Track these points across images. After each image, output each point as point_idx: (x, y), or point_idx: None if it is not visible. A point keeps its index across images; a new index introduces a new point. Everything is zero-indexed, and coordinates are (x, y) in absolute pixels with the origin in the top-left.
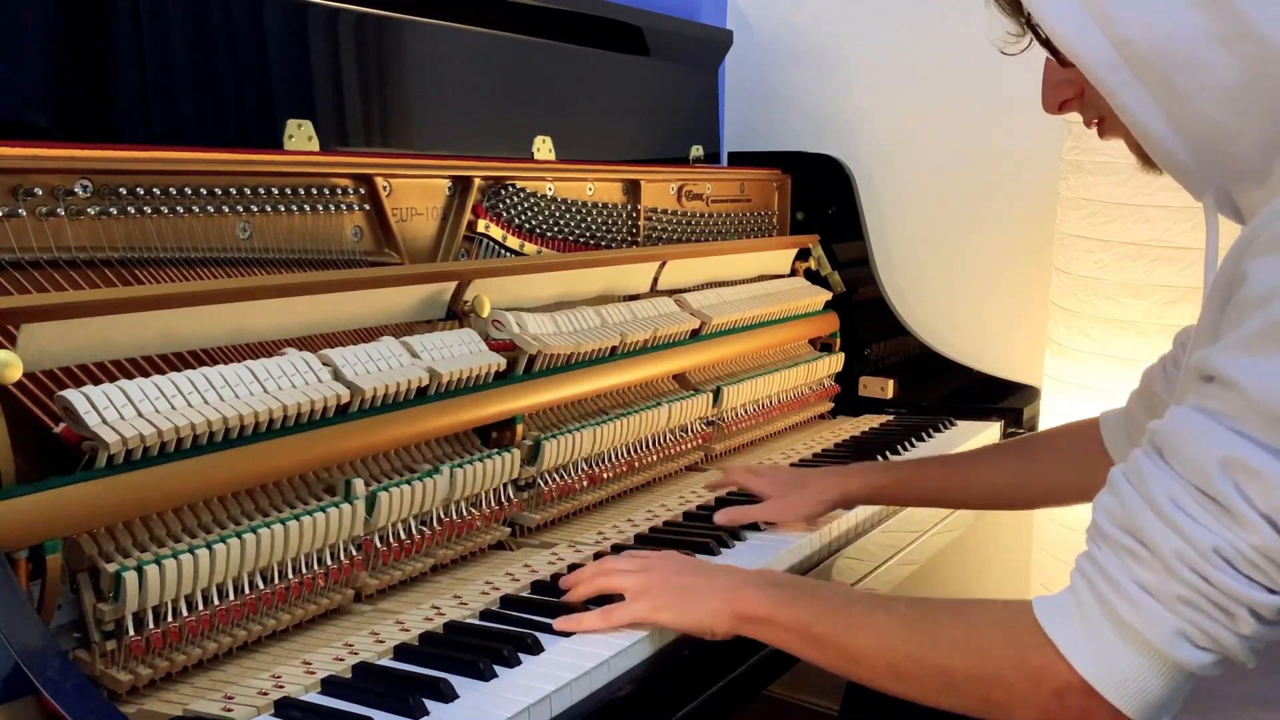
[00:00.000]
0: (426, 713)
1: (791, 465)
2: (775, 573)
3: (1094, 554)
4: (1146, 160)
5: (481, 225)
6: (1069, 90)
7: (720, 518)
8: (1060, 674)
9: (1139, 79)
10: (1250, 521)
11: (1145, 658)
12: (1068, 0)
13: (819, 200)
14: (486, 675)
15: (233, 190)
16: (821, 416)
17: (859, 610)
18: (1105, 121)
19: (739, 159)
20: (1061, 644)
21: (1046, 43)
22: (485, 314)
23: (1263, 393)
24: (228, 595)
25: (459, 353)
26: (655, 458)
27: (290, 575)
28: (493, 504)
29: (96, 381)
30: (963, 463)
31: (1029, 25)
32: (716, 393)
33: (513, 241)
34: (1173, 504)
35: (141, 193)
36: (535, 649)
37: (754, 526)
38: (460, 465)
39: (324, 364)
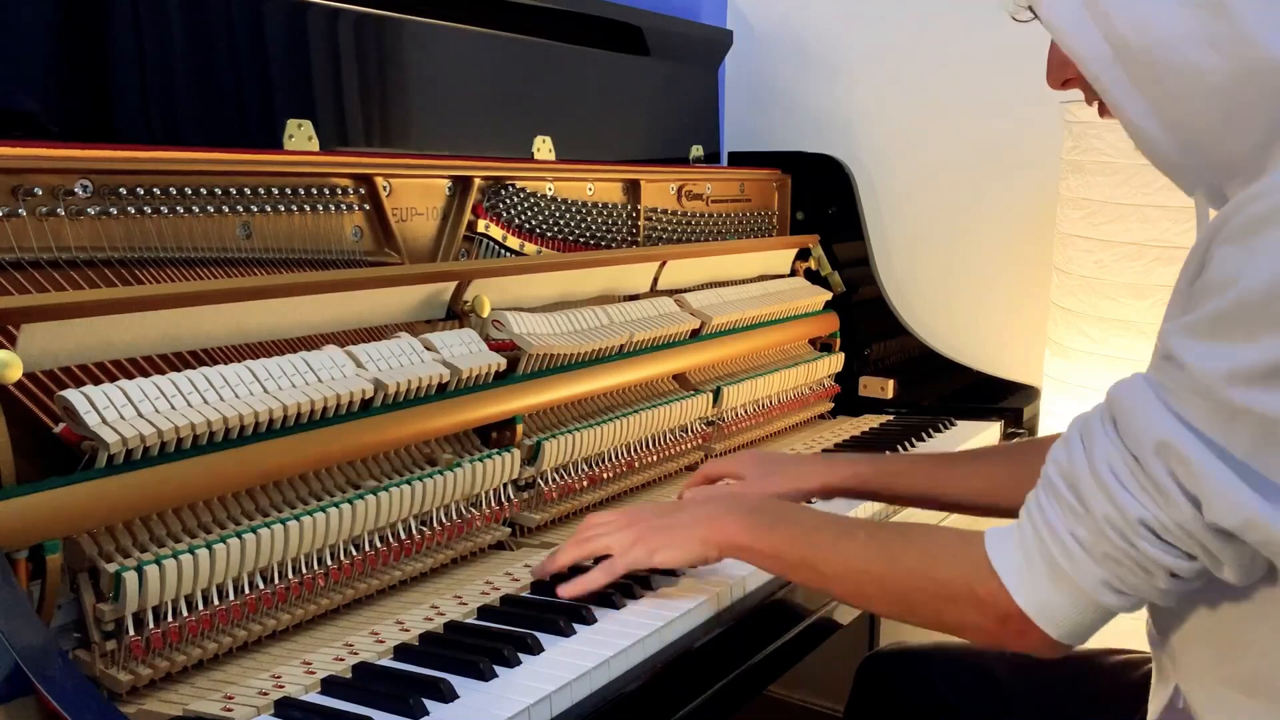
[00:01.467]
0: (426, 713)
1: (776, 451)
2: (751, 498)
3: (1041, 499)
4: None
5: (481, 225)
6: (1072, 69)
7: (687, 495)
8: (1003, 603)
9: (1131, 77)
10: (1176, 502)
11: (1072, 597)
12: None
13: (819, 200)
14: (486, 675)
15: (233, 190)
16: (821, 416)
17: (826, 538)
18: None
19: (739, 159)
20: (1003, 574)
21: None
22: (485, 314)
23: (1204, 377)
24: (228, 595)
25: (459, 352)
26: (655, 458)
27: (290, 575)
28: (493, 504)
29: (96, 381)
30: (954, 462)
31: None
32: (716, 393)
33: (513, 241)
34: (1110, 472)
35: (141, 193)
36: (535, 649)
37: None
38: (459, 465)
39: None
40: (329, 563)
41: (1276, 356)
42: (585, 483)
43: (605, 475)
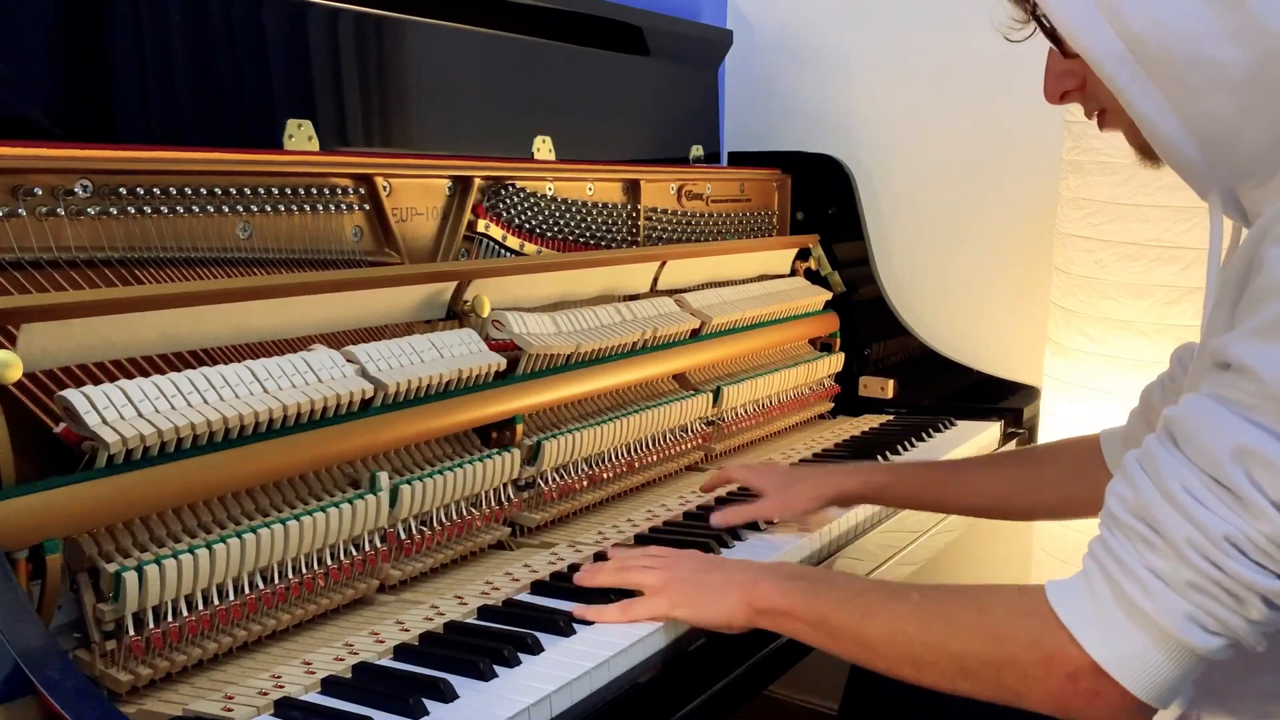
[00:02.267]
0: (426, 713)
1: (791, 465)
2: (791, 565)
3: (1107, 539)
4: (1145, 154)
5: (481, 225)
6: (1071, 81)
7: (716, 519)
8: (1072, 657)
9: (1146, 74)
10: (1262, 510)
11: (1155, 641)
12: None
13: (819, 200)
14: (486, 675)
15: (233, 190)
16: (821, 416)
17: (874, 600)
18: (1107, 113)
19: (739, 159)
20: (1073, 626)
21: (1050, 32)
22: (485, 314)
23: (1278, 381)
24: (228, 595)
25: (459, 353)
26: (655, 458)
27: (290, 575)
28: (493, 504)
29: (96, 381)
30: (964, 468)
31: (1034, 14)
32: (716, 393)
33: (513, 241)
34: (1185, 491)
35: (141, 193)
36: (535, 649)
37: (753, 526)
38: (460, 465)
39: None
40: (329, 563)
41: None
42: (585, 483)
43: (605, 475)
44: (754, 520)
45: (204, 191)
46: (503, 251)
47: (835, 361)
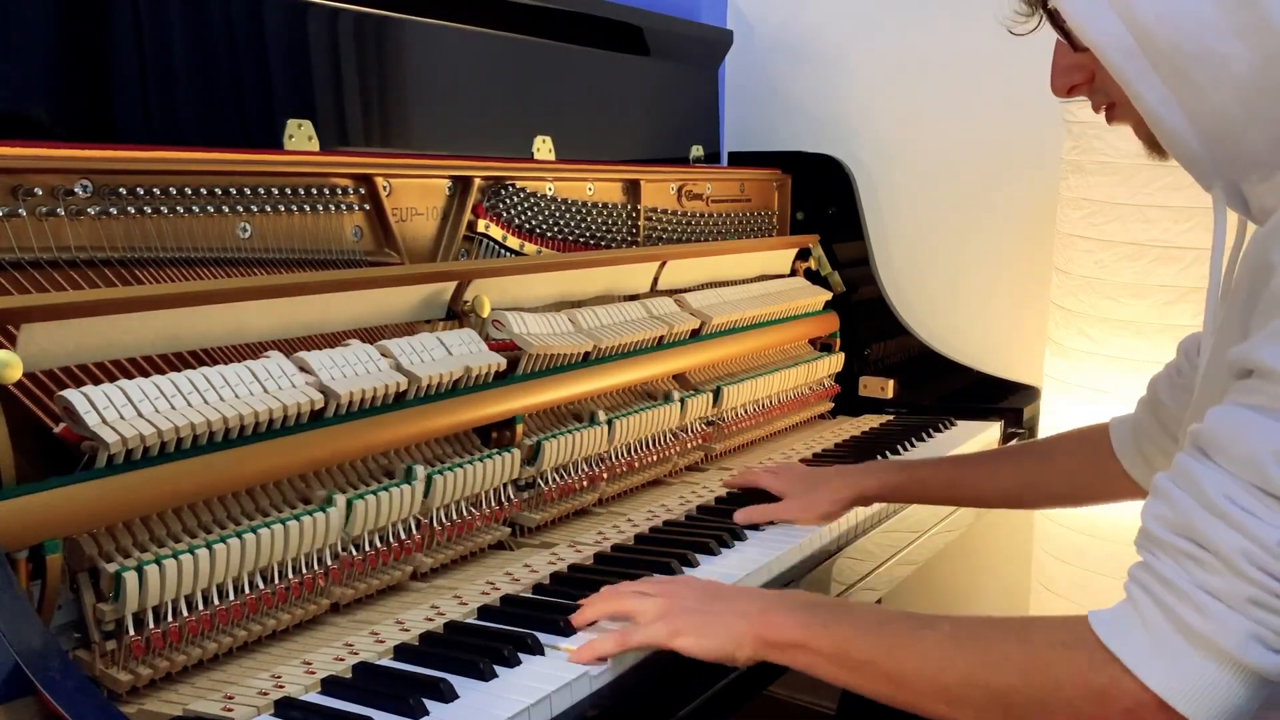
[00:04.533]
0: (426, 713)
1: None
2: (801, 594)
3: (1150, 563)
4: (1153, 147)
5: (481, 225)
6: (1079, 75)
7: (740, 516)
8: (1130, 691)
9: (1154, 68)
10: None
11: (1219, 665)
12: None
13: (819, 200)
14: (486, 675)
15: (233, 190)
16: (821, 416)
17: (901, 630)
18: (1115, 107)
19: (739, 159)
20: (1127, 659)
21: (1060, 25)
22: (485, 314)
23: None
24: (228, 595)
25: (459, 352)
26: (655, 458)
27: (290, 575)
28: (493, 504)
29: (96, 381)
30: (977, 463)
31: (1043, 6)
32: (716, 393)
33: (513, 241)
34: (1230, 502)
35: (141, 193)
36: (535, 649)
37: (754, 528)
38: (460, 465)
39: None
40: (329, 563)
41: None
42: (585, 483)
43: (605, 475)
44: (774, 521)
45: (204, 191)
46: (503, 251)
47: (835, 361)
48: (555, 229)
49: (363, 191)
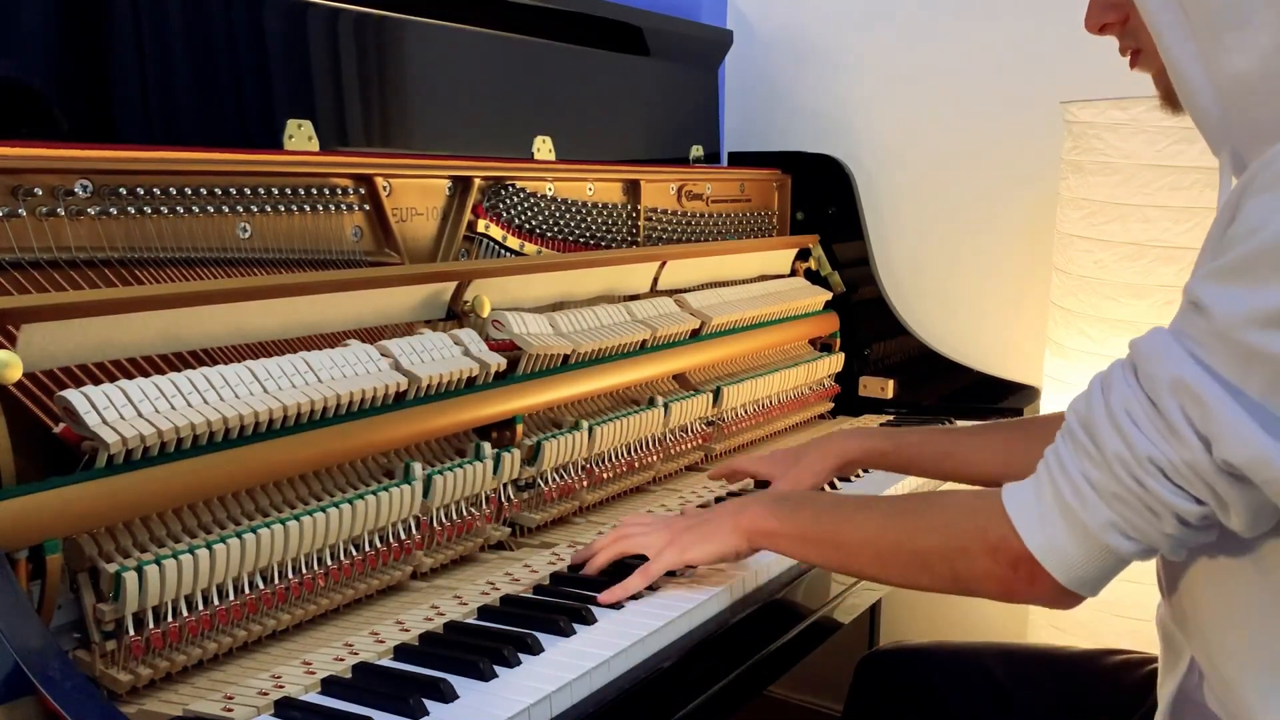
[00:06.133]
0: (426, 713)
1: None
2: (776, 490)
3: (1059, 445)
4: (1169, 100)
5: (481, 225)
6: (1114, 14)
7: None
8: (1014, 548)
9: (1187, 21)
10: (1187, 440)
11: (1081, 539)
12: None
13: (819, 200)
14: (486, 675)
15: (233, 190)
16: (821, 416)
17: (848, 510)
18: (1140, 54)
19: (739, 159)
20: (1017, 522)
21: None
22: (485, 314)
23: (1226, 320)
24: (228, 595)
25: (459, 353)
26: (655, 458)
27: (290, 575)
28: (493, 504)
29: (96, 381)
30: (966, 436)
31: None
32: (716, 393)
33: (513, 241)
34: (1125, 414)
35: (141, 193)
36: (535, 649)
37: None
38: (460, 466)
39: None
40: (329, 563)
41: None
42: (585, 483)
43: (605, 475)
44: None
45: (204, 191)
46: (503, 251)
47: (835, 362)
48: (555, 229)
49: (363, 191)
